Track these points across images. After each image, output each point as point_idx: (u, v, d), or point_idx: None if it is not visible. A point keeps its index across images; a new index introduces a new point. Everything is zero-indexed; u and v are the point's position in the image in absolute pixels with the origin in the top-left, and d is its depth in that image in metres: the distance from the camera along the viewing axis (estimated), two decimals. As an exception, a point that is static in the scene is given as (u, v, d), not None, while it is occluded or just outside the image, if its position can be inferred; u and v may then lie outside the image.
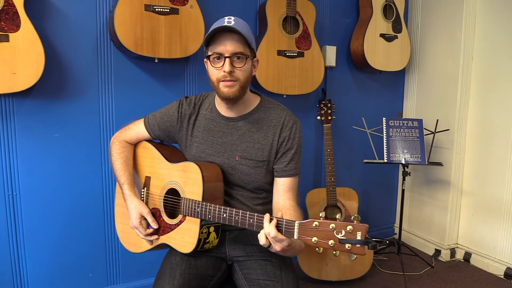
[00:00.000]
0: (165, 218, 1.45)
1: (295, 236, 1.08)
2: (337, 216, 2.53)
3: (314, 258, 2.44)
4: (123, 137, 1.60)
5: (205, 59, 1.39)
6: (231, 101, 1.36)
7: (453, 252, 2.92)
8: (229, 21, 1.31)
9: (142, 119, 1.58)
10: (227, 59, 1.30)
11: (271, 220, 1.14)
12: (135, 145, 1.62)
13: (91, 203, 2.17)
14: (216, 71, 1.33)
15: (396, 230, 3.22)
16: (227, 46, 1.30)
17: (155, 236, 1.47)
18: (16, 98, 1.94)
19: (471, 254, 2.84)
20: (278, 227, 1.12)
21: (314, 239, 1.04)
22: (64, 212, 2.11)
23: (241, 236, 1.47)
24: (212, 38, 1.32)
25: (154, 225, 1.46)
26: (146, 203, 1.53)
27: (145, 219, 1.47)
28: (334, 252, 2.41)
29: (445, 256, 2.90)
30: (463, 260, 2.89)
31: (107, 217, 2.22)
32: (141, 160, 1.60)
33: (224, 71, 1.30)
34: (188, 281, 1.34)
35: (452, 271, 2.74)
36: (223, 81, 1.32)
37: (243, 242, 1.47)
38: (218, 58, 1.32)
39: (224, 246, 1.47)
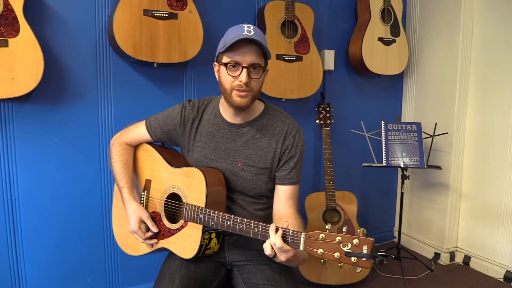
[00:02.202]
0: (166, 222, 1.45)
1: (301, 247, 1.08)
2: (345, 229, 2.53)
3: (314, 262, 2.44)
4: (124, 139, 1.58)
5: (215, 63, 1.39)
6: (241, 110, 1.36)
7: (452, 255, 2.92)
8: (248, 30, 1.29)
9: (144, 121, 1.57)
10: (245, 69, 1.29)
11: (276, 230, 1.13)
12: (135, 147, 1.61)
13: (90, 208, 2.17)
14: (231, 78, 1.31)
15: (396, 234, 3.22)
16: (246, 57, 1.29)
17: (154, 240, 1.47)
18: (15, 103, 1.94)
19: (470, 257, 2.84)
20: (284, 238, 1.11)
21: (320, 251, 1.04)
22: (63, 217, 2.11)
23: (240, 241, 1.47)
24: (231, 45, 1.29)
25: (154, 229, 1.46)
26: (146, 207, 1.53)
27: (145, 223, 1.47)
28: (339, 264, 2.40)
29: (444, 259, 2.89)
30: (462, 264, 2.89)
31: (106, 222, 2.22)
32: (142, 163, 1.59)
33: (240, 81, 1.29)
34: (187, 286, 1.34)
35: (452, 274, 2.74)
36: (237, 90, 1.31)
37: (242, 247, 1.47)
38: (234, 66, 1.30)
39: (224, 251, 1.46)
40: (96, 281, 2.24)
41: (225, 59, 1.32)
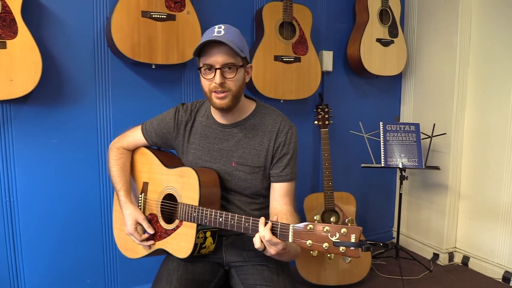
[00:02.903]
0: (162, 223, 1.46)
1: (290, 239, 1.08)
2: (332, 218, 2.54)
3: (313, 263, 2.44)
4: (121, 144, 1.60)
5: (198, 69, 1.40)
6: (224, 110, 1.37)
7: (451, 256, 2.92)
8: (219, 30, 1.31)
9: (139, 126, 1.59)
10: (218, 71, 1.30)
11: (266, 223, 1.14)
12: (133, 151, 1.62)
13: (89, 209, 2.17)
14: (207, 82, 1.33)
15: (394, 234, 3.22)
16: (217, 58, 1.30)
17: (151, 242, 1.47)
18: (14, 105, 1.95)
19: (469, 258, 2.84)
20: (273, 230, 1.12)
21: (309, 242, 1.04)
22: (62, 218, 2.11)
23: (238, 241, 1.47)
24: (202, 49, 1.32)
25: (150, 231, 1.46)
26: (144, 209, 1.54)
27: (141, 225, 1.48)
28: (328, 255, 2.40)
29: (443, 260, 2.90)
30: (461, 264, 2.89)
31: (105, 223, 2.22)
32: (139, 166, 1.60)
33: (215, 83, 1.30)
34: (185, 286, 1.34)
35: (451, 275, 2.74)
36: (215, 92, 1.32)
37: (240, 247, 1.47)
38: (209, 69, 1.32)
39: (221, 252, 1.47)
40: (95, 282, 2.23)
41: (200, 64, 1.34)
